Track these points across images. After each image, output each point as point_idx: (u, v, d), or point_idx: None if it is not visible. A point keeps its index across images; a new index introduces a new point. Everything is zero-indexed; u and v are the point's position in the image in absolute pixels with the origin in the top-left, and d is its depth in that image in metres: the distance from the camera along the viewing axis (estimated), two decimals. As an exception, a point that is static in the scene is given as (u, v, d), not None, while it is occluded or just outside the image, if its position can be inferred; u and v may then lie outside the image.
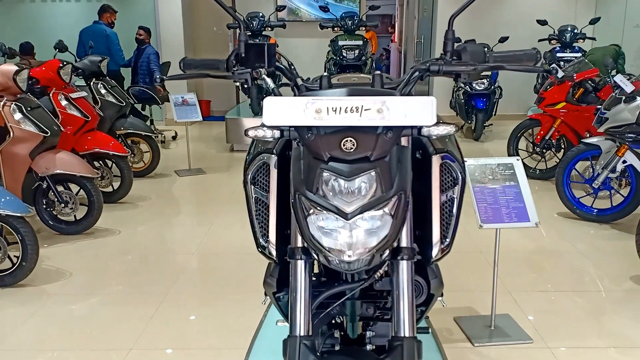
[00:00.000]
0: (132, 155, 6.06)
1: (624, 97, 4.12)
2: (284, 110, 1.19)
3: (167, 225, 4.78)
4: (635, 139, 4.09)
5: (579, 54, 7.41)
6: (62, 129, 4.44)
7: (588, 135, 5.22)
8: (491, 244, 2.93)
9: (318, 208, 1.23)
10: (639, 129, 4.03)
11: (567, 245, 4.16)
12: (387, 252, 1.35)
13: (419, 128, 1.23)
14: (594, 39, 8.21)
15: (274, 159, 1.52)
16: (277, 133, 1.27)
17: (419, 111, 1.17)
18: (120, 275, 3.72)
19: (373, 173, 1.21)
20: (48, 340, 2.89)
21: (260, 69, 1.48)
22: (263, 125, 1.24)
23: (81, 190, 4.39)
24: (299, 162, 1.30)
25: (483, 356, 2.72)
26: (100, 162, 5.23)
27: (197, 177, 6.27)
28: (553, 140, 5.65)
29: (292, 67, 1.59)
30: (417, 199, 1.43)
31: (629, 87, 4.09)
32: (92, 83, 5.71)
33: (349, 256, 1.24)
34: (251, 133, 1.27)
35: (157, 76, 1.60)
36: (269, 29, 7.61)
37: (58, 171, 4.20)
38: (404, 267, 1.38)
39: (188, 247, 4.18)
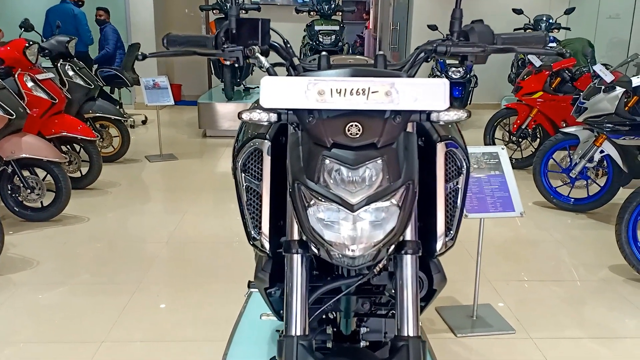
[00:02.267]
0: (101, 139, 5.87)
1: (603, 87, 4.12)
2: (283, 92, 1.09)
3: (137, 213, 4.64)
4: (613, 128, 4.10)
5: (554, 44, 7.44)
6: (28, 112, 4.26)
7: (564, 125, 5.24)
8: (471, 233, 2.89)
9: (320, 199, 1.14)
10: (618, 119, 4.04)
11: (544, 234, 4.16)
12: (393, 246, 1.27)
13: (428, 113, 1.14)
14: (568, 29, 8.26)
15: (267, 144, 1.41)
16: (274, 116, 1.16)
17: (430, 95, 1.08)
18: (90, 264, 3.58)
19: (380, 161, 1.12)
20: (16, 333, 2.75)
21: (254, 47, 1.37)
22: (258, 107, 1.13)
23: (48, 175, 4.23)
24: (298, 148, 1.20)
25: (466, 347, 2.68)
26: (68, 146, 5.05)
27: (169, 163, 6.11)
28: (529, 130, 5.66)
29: (289, 46, 1.48)
30: (419, 189, 1.34)
31: (608, 77, 4.08)
32: (59, 64, 5.51)
33: (353, 251, 1.15)
34: (245, 116, 1.17)
35: (140, 52, 1.48)
36: (243, 11, 7.45)
37: (24, 155, 4.03)
38: (407, 261, 1.30)
39: (160, 236, 4.06)
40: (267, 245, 1.43)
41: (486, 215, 2.70)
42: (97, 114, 5.75)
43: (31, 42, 4.80)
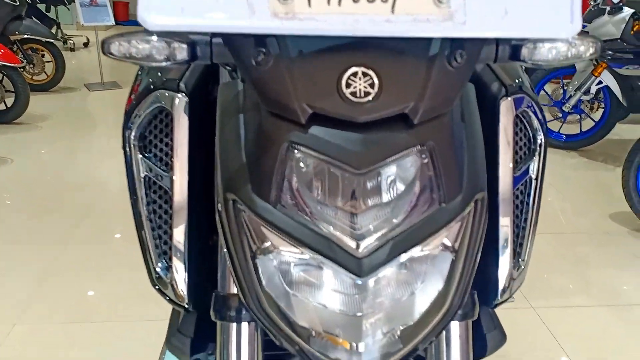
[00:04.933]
0: (32, 65, 5.15)
1: (608, 8, 3.60)
2: None
3: (71, 152, 4.00)
4: (614, 56, 3.61)
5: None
6: None
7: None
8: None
9: (284, 240, 0.59)
10: (622, 46, 3.54)
11: (533, 176, 3.73)
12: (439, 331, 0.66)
13: (519, 44, 0.57)
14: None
15: (181, 103, 0.75)
16: (182, 50, 0.55)
17: (540, 3, 0.50)
18: (8, 218, 2.99)
19: (417, 155, 0.57)
20: None
21: None
22: (146, 31, 0.54)
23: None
24: (236, 119, 0.63)
25: (458, 322, 2.25)
26: (-12, 74, 4.33)
27: (111, 93, 5.42)
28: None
29: None
30: None
31: (615, -4, 3.56)
32: (-25, -24, 4.70)
33: (357, 350, 0.59)
34: (116, 49, 0.56)
35: None
36: None
37: None
38: (454, 330, 0.75)
39: (98, 180, 3.46)
40: (184, 291, 0.78)
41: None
42: (26, 36, 5.01)
43: None
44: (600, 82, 3.79)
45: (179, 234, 0.76)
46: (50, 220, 2.96)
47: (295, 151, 0.56)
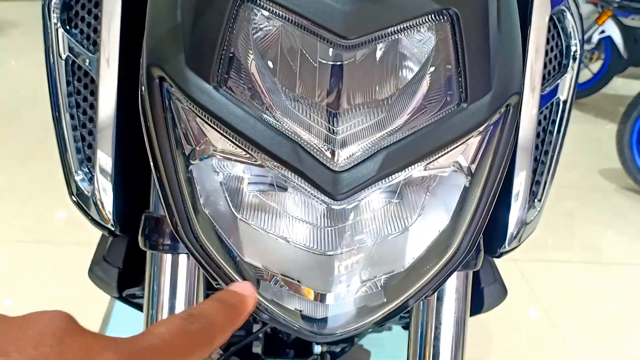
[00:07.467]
0: (4, -33, 4.82)
1: (620, -48, 3.39)
2: None
3: (43, 65, 3.76)
4: (622, 3, 3.43)
5: None
6: None
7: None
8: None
9: (229, 142, 0.42)
10: (631, -7, 3.36)
11: (524, 125, 3.60)
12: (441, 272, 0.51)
13: None
14: None
15: None
16: None
17: None
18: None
19: (431, 25, 0.40)
20: None
21: None
22: None
23: None
24: None
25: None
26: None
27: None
28: None
29: None
30: None
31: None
32: None
33: (325, 300, 0.45)
34: None
35: None
36: None
37: None
38: (452, 283, 0.60)
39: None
40: (108, 209, 0.59)
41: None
42: None
43: None
44: (603, 32, 3.62)
45: (106, 134, 0.57)
46: (13, 135, 2.78)
47: (251, 5, 0.40)
